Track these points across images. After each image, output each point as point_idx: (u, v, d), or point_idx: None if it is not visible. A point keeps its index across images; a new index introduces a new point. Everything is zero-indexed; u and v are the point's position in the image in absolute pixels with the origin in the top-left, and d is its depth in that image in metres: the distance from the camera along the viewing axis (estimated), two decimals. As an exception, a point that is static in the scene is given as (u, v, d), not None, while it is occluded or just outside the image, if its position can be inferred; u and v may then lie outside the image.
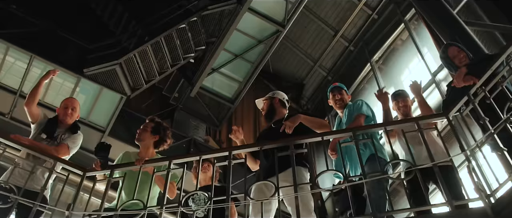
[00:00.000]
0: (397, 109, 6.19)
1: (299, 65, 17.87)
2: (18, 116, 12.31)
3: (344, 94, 6.30)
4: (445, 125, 6.80)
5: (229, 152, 5.03)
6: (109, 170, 5.34)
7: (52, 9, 14.16)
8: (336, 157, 5.59)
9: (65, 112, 6.10)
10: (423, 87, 11.31)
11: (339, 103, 6.24)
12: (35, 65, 12.72)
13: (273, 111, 5.91)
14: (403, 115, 6.11)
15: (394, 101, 6.22)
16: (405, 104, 6.16)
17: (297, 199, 4.38)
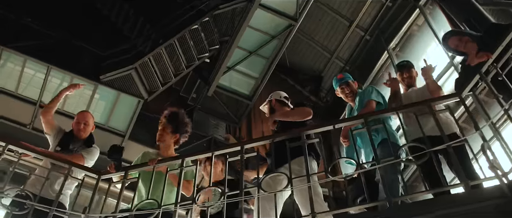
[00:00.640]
0: (401, 80, 6.18)
1: (316, 58, 17.74)
2: (39, 126, 12.32)
3: (352, 84, 6.27)
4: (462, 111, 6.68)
5: (241, 146, 5.01)
6: (123, 171, 5.37)
7: (66, 19, 14.33)
8: (348, 144, 5.53)
9: (78, 127, 6.18)
10: (441, 71, 11.22)
11: (350, 96, 6.22)
12: (53, 75, 12.90)
13: (273, 111, 5.99)
14: (407, 86, 6.12)
15: (399, 72, 6.23)
16: (409, 75, 6.17)
17: (310, 189, 4.35)
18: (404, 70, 6.22)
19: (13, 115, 12.69)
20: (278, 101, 6.05)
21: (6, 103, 12.67)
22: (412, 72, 6.22)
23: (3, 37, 12.51)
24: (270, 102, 6.10)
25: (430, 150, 4.20)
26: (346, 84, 6.26)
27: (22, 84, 12.88)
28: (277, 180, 4.78)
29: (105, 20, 15.88)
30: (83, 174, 5.71)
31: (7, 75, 12.90)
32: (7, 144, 5.19)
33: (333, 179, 4.44)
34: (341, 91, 6.27)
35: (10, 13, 13.47)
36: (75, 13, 14.85)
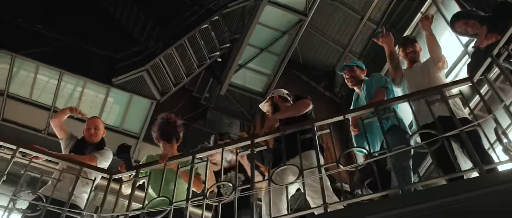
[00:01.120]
0: (404, 56, 5.98)
1: (329, 53, 17.64)
2: (54, 131, 12.52)
3: (355, 70, 6.14)
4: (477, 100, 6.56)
5: (251, 140, 4.97)
6: (134, 171, 5.37)
7: (76, 24, 14.39)
8: (358, 133, 5.43)
9: (88, 133, 6.28)
10: (456, 60, 11.12)
11: (350, 81, 6.13)
12: (66, 81, 12.99)
13: (277, 108, 5.90)
14: (410, 61, 5.92)
15: (402, 47, 6.02)
16: (413, 50, 5.94)
17: (321, 180, 4.30)
18: (407, 45, 6.00)
19: (28, 121, 12.83)
20: (281, 98, 6.00)
21: (21, 109, 12.80)
22: (416, 46, 5.98)
23: (15, 45, 12.59)
24: (272, 99, 6.03)
25: (442, 135, 4.13)
26: (348, 68, 6.18)
27: (36, 90, 12.99)
28: (283, 174, 4.74)
29: (116, 24, 15.94)
30: (99, 176, 5.80)
31: (21, 82, 13.00)
32: (18, 147, 5.21)
33: (344, 169, 4.38)
34: (344, 76, 6.22)
35: (20, 21, 13.55)
36: (85, 18, 14.92)
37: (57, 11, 14.50)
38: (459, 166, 4.17)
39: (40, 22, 13.90)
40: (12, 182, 5.13)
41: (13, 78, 12.75)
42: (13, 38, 12.84)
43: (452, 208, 3.58)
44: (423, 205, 3.64)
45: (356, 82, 6.07)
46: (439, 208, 3.60)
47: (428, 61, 5.67)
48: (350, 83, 6.17)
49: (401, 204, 3.75)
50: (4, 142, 5.27)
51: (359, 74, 6.12)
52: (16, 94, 12.87)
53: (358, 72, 6.13)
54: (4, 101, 12.73)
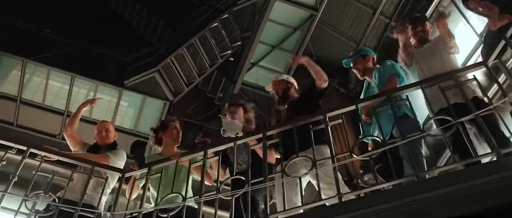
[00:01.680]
0: (414, 34, 5.73)
1: (343, 49, 17.47)
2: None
3: (360, 61, 6.00)
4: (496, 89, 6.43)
5: (263, 133, 4.90)
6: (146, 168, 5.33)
7: (86, 27, 14.45)
8: (370, 121, 5.33)
9: (100, 136, 6.31)
10: (471, 50, 10.98)
11: (358, 72, 6.04)
12: (78, 85, 13.06)
13: (287, 97, 5.81)
14: (419, 40, 5.70)
15: (411, 25, 5.76)
16: (423, 29, 5.69)
17: (335, 170, 4.22)
18: (417, 23, 5.75)
19: (41, 127, 12.91)
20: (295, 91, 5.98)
21: (35, 115, 12.88)
22: (426, 25, 5.75)
23: (26, 50, 12.67)
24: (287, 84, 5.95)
25: (457, 121, 4.04)
26: (352, 61, 6.07)
27: (49, 96, 13.07)
28: (294, 167, 4.66)
29: (126, 27, 15.96)
30: (115, 178, 5.80)
31: (34, 88, 13.12)
32: (29, 147, 5.19)
33: (358, 158, 4.30)
34: (353, 67, 6.09)
35: (30, 26, 13.64)
36: (95, 21, 14.95)
37: (66, 15, 14.56)
38: (475, 151, 4.06)
39: (50, 27, 13.99)
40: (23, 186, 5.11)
41: (25, 84, 12.88)
42: (24, 44, 12.94)
43: (468, 193, 3.49)
44: (439, 191, 3.55)
45: (365, 72, 5.94)
46: (455, 194, 3.51)
47: (439, 41, 5.50)
48: (359, 75, 6.05)
49: (416, 191, 3.66)
50: (15, 143, 5.24)
51: (365, 64, 5.97)
52: (29, 100, 12.97)
53: (363, 61, 5.98)
54: (17, 107, 12.82)
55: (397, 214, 3.60)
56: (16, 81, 12.76)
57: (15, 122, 12.91)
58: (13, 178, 4.88)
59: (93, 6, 15.60)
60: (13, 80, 12.87)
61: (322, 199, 4.12)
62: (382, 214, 3.63)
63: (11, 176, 4.89)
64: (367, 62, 5.98)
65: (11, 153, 5.11)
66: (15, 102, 12.84)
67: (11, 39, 12.87)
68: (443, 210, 3.50)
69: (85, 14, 14.96)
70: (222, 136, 4.99)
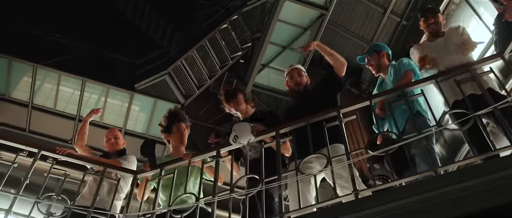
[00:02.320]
0: (426, 27, 5.58)
1: (354, 50, 17.34)
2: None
3: (374, 57, 5.93)
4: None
5: (276, 132, 4.83)
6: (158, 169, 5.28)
7: (95, 31, 14.50)
8: (385, 116, 5.24)
9: (109, 143, 6.46)
10: (484, 47, 10.86)
11: (374, 69, 5.95)
12: (89, 90, 13.08)
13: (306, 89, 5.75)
14: (431, 33, 5.54)
15: (423, 18, 5.62)
16: (435, 21, 5.51)
17: (351, 168, 4.15)
18: (429, 15, 5.59)
19: (54, 132, 12.96)
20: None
21: (46, 121, 12.93)
22: (439, 17, 5.58)
23: (37, 56, 12.71)
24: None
25: (474, 114, 3.96)
26: (370, 56, 5.98)
27: (60, 101, 13.13)
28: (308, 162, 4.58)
29: (136, 30, 15.99)
30: (128, 182, 5.76)
31: (45, 93, 13.16)
32: (40, 150, 5.17)
33: (374, 154, 4.22)
34: (368, 63, 6.02)
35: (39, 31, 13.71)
36: (104, 26, 14.99)
37: (75, 20, 14.61)
38: (493, 144, 3.97)
39: (59, 31, 14.05)
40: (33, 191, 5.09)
41: (37, 90, 12.92)
42: (34, 49, 12.98)
43: (487, 188, 3.39)
44: (457, 186, 3.47)
45: (380, 68, 5.85)
46: (473, 188, 3.42)
47: (452, 35, 5.37)
48: (374, 71, 5.98)
49: (433, 186, 3.58)
50: (26, 146, 5.21)
51: (380, 60, 5.88)
52: (41, 106, 13.01)
53: (378, 57, 5.90)
54: (29, 113, 12.87)
55: (413, 211, 3.52)
56: (27, 87, 12.83)
57: (27, 127, 12.98)
58: (25, 180, 4.85)
59: (102, 10, 15.62)
60: (25, 86, 12.93)
61: (339, 196, 4.06)
62: (399, 211, 3.56)
63: (23, 178, 4.86)
64: (381, 58, 5.90)
65: (22, 155, 5.08)
66: (27, 108, 12.88)
67: (21, 45, 12.92)
68: (461, 205, 3.42)
69: (94, 18, 14.98)
70: (233, 143, 4.86)
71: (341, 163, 4.26)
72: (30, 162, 5.06)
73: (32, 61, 12.53)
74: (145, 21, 16.07)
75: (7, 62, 12.56)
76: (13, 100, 13.02)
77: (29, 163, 5.05)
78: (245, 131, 4.73)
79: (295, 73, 5.75)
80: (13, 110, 12.95)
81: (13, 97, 13.01)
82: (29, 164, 5.03)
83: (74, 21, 14.50)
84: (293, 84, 5.72)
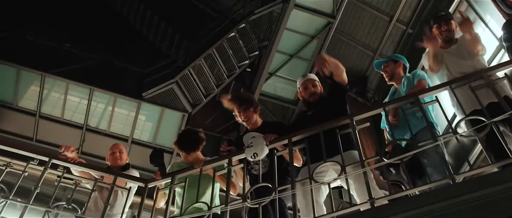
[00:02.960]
0: (439, 33, 5.46)
1: (359, 58, 17.35)
2: (88, 150, 12.74)
3: (391, 64, 5.89)
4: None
5: (288, 140, 4.80)
6: (169, 178, 5.26)
7: (104, 41, 14.55)
8: (398, 123, 5.19)
9: (113, 157, 6.48)
10: (492, 54, 10.81)
11: (387, 76, 5.90)
12: (96, 100, 13.11)
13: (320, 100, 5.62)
14: (445, 41, 5.44)
15: (435, 24, 5.52)
16: (448, 28, 5.41)
17: (365, 176, 4.11)
18: (441, 22, 5.48)
19: (61, 141, 12.80)
20: None
21: (54, 129, 12.94)
22: (452, 24, 5.46)
23: (45, 65, 12.73)
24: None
25: (490, 121, 3.92)
26: (386, 63, 5.94)
27: (67, 110, 13.13)
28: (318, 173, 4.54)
29: (144, 39, 16.04)
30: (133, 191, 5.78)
31: (53, 102, 13.16)
32: (51, 158, 5.15)
33: (388, 162, 4.17)
34: (383, 70, 5.96)
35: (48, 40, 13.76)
36: (112, 35, 15.04)
37: (84, 30, 14.66)
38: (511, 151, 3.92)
39: (68, 41, 14.11)
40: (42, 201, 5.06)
41: (44, 99, 12.94)
42: (42, 59, 12.99)
43: (505, 196, 3.36)
44: (475, 194, 3.44)
45: (393, 76, 5.83)
46: (491, 196, 3.39)
47: (462, 42, 5.31)
48: (387, 78, 5.92)
49: (451, 194, 3.55)
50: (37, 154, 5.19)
51: (395, 69, 5.86)
52: (48, 115, 13.02)
53: (393, 66, 5.88)
54: (36, 122, 12.87)
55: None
56: (34, 96, 12.84)
57: (34, 136, 12.97)
58: (35, 189, 4.83)
59: (110, 20, 15.69)
60: (32, 95, 12.95)
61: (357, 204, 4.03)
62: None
63: (34, 187, 4.84)
64: (397, 67, 5.89)
65: (33, 163, 5.06)
66: (34, 117, 12.88)
67: (30, 54, 12.97)
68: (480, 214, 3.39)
69: (102, 28, 15.04)
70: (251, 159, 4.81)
71: (356, 170, 4.23)
72: (38, 172, 5.04)
73: (41, 70, 12.52)
74: (153, 30, 16.11)
75: (16, 71, 12.58)
76: (21, 109, 13.01)
77: (37, 173, 5.03)
78: (262, 144, 4.69)
79: (309, 83, 5.65)
80: (21, 119, 12.95)
81: (20, 106, 13.00)
82: (37, 174, 5.00)
83: (82, 30, 14.56)
84: (307, 95, 5.63)
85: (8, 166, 4.96)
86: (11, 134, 12.84)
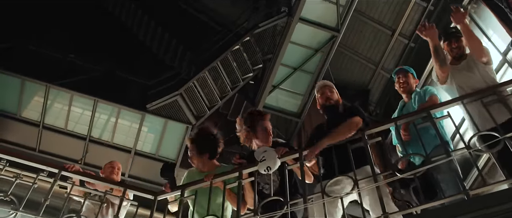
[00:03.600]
0: (449, 50, 5.49)
1: (361, 71, 17.42)
2: (90, 161, 12.72)
3: (410, 78, 5.81)
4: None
5: (299, 153, 4.80)
6: (179, 191, 5.24)
7: (108, 52, 14.59)
8: (409, 138, 5.17)
9: (112, 173, 6.65)
10: (495, 68, 10.82)
11: (403, 87, 5.79)
12: (100, 111, 13.10)
13: (337, 107, 5.55)
14: (455, 57, 5.45)
15: (446, 42, 5.53)
16: (458, 45, 5.43)
17: (379, 190, 4.11)
18: (452, 39, 5.49)
19: (63, 152, 12.94)
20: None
21: (57, 140, 12.93)
22: (462, 41, 5.44)
23: (49, 76, 12.74)
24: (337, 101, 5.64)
25: (504, 136, 3.93)
26: (403, 73, 5.84)
27: (71, 121, 13.14)
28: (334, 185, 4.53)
29: (147, 52, 16.09)
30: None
31: (56, 113, 13.16)
32: (60, 170, 5.14)
33: (401, 176, 4.17)
34: (397, 80, 5.86)
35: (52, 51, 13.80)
36: (117, 46, 15.07)
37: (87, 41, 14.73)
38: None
39: (72, 52, 14.15)
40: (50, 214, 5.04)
41: (48, 110, 12.93)
42: (47, 70, 13.01)
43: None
44: (490, 210, 3.43)
45: (406, 87, 5.80)
46: (506, 213, 3.39)
47: (473, 55, 5.29)
48: (401, 89, 5.83)
49: (466, 209, 3.55)
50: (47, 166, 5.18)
51: (412, 83, 5.83)
52: (51, 125, 13.01)
53: (412, 80, 5.84)
54: (40, 132, 12.86)
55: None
56: (39, 107, 12.83)
57: (37, 147, 12.94)
58: (45, 202, 4.81)
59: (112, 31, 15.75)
60: (36, 106, 12.94)
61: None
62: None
63: (43, 199, 4.82)
64: (414, 82, 5.89)
65: (43, 175, 5.05)
66: (37, 128, 12.88)
67: (34, 65, 13.00)
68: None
69: (105, 39, 15.08)
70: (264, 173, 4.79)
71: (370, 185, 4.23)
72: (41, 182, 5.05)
73: (45, 81, 12.53)
74: (156, 42, 16.16)
75: (20, 82, 12.58)
76: (24, 119, 13.00)
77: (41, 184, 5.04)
78: (274, 157, 4.68)
79: (326, 89, 5.62)
80: (24, 130, 12.94)
81: (24, 116, 12.99)
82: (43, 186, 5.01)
83: (86, 42, 14.62)
84: (323, 100, 5.60)
85: (18, 177, 4.93)
86: (14, 144, 12.82)
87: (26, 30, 14.02)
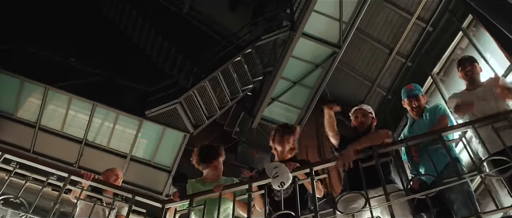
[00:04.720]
0: (464, 75, 5.69)
1: (357, 88, 17.49)
2: (85, 164, 12.67)
3: (421, 100, 5.82)
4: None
5: (310, 168, 4.83)
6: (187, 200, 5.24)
7: (108, 58, 14.60)
8: (419, 161, 5.23)
9: (113, 178, 6.57)
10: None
11: (416, 110, 5.78)
12: (98, 116, 13.08)
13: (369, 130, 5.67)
14: (470, 81, 5.64)
15: (460, 67, 5.74)
16: (472, 69, 5.65)
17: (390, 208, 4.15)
18: (466, 64, 5.72)
19: (58, 154, 12.86)
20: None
21: (52, 142, 12.87)
22: (476, 67, 5.69)
23: (49, 78, 12.71)
24: (371, 119, 5.80)
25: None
26: (416, 98, 5.81)
27: (68, 124, 13.09)
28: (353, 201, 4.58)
29: (147, 59, 16.13)
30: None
31: (53, 115, 13.10)
32: (70, 175, 5.14)
33: (415, 196, 4.22)
34: (408, 103, 5.83)
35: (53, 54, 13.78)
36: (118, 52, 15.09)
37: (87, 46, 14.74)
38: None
39: (73, 56, 14.12)
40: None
41: (45, 111, 12.84)
42: (47, 72, 12.99)
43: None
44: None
45: (419, 109, 5.77)
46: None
47: (492, 87, 5.40)
48: (414, 113, 5.80)
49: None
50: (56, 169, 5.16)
51: (423, 103, 5.83)
52: (47, 127, 12.95)
53: (423, 100, 5.84)
54: (35, 134, 12.79)
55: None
56: (36, 108, 12.77)
57: (31, 148, 12.84)
58: (54, 206, 4.79)
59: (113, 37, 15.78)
60: (32, 107, 12.88)
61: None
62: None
63: (53, 203, 4.80)
64: (424, 101, 5.89)
65: (52, 179, 5.03)
66: (33, 129, 12.80)
67: (34, 67, 12.96)
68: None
69: (105, 45, 15.10)
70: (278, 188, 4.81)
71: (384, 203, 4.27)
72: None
73: (44, 83, 12.49)
74: (156, 50, 16.19)
75: (20, 82, 12.53)
76: (20, 120, 12.92)
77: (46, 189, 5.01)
78: (287, 172, 4.70)
79: (359, 113, 5.75)
80: (19, 130, 12.86)
81: (20, 117, 12.92)
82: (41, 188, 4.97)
83: (87, 47, 14.64)
84: (356, 123, 5.74)
85: (28, 180, 4.92)
86: (8, 144, 12.68)
87: (28, 32, 14.01)
